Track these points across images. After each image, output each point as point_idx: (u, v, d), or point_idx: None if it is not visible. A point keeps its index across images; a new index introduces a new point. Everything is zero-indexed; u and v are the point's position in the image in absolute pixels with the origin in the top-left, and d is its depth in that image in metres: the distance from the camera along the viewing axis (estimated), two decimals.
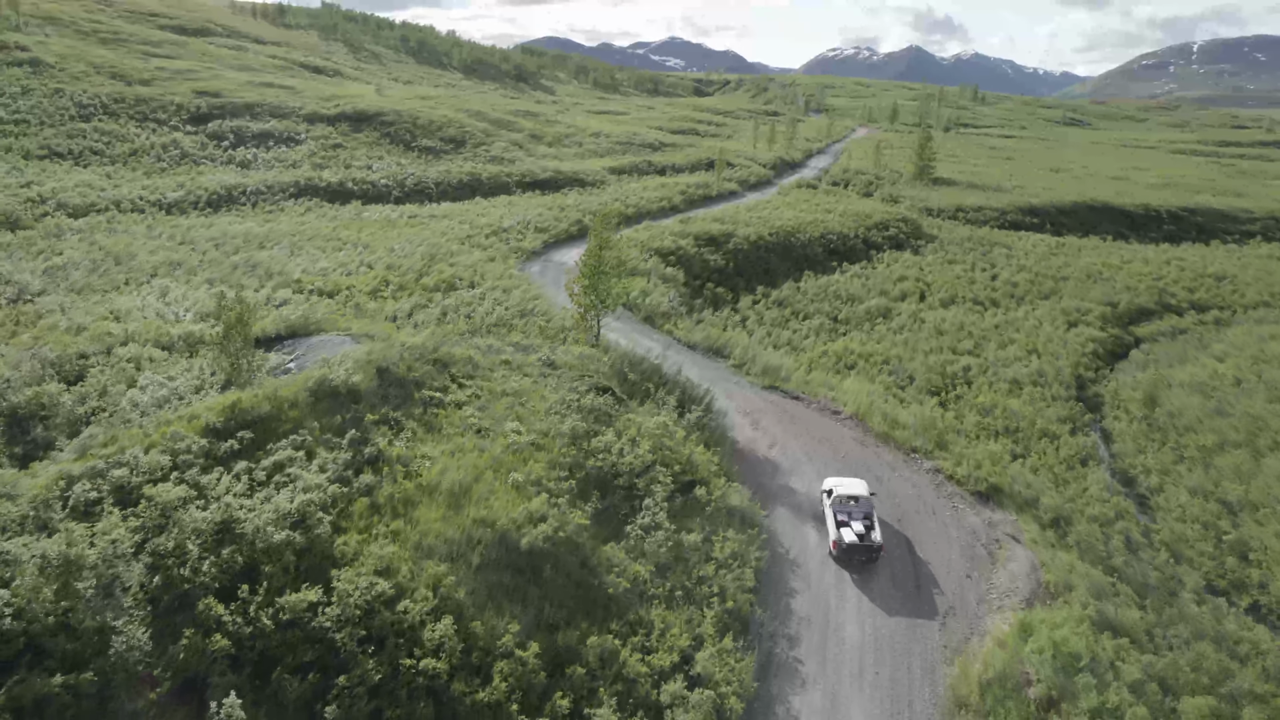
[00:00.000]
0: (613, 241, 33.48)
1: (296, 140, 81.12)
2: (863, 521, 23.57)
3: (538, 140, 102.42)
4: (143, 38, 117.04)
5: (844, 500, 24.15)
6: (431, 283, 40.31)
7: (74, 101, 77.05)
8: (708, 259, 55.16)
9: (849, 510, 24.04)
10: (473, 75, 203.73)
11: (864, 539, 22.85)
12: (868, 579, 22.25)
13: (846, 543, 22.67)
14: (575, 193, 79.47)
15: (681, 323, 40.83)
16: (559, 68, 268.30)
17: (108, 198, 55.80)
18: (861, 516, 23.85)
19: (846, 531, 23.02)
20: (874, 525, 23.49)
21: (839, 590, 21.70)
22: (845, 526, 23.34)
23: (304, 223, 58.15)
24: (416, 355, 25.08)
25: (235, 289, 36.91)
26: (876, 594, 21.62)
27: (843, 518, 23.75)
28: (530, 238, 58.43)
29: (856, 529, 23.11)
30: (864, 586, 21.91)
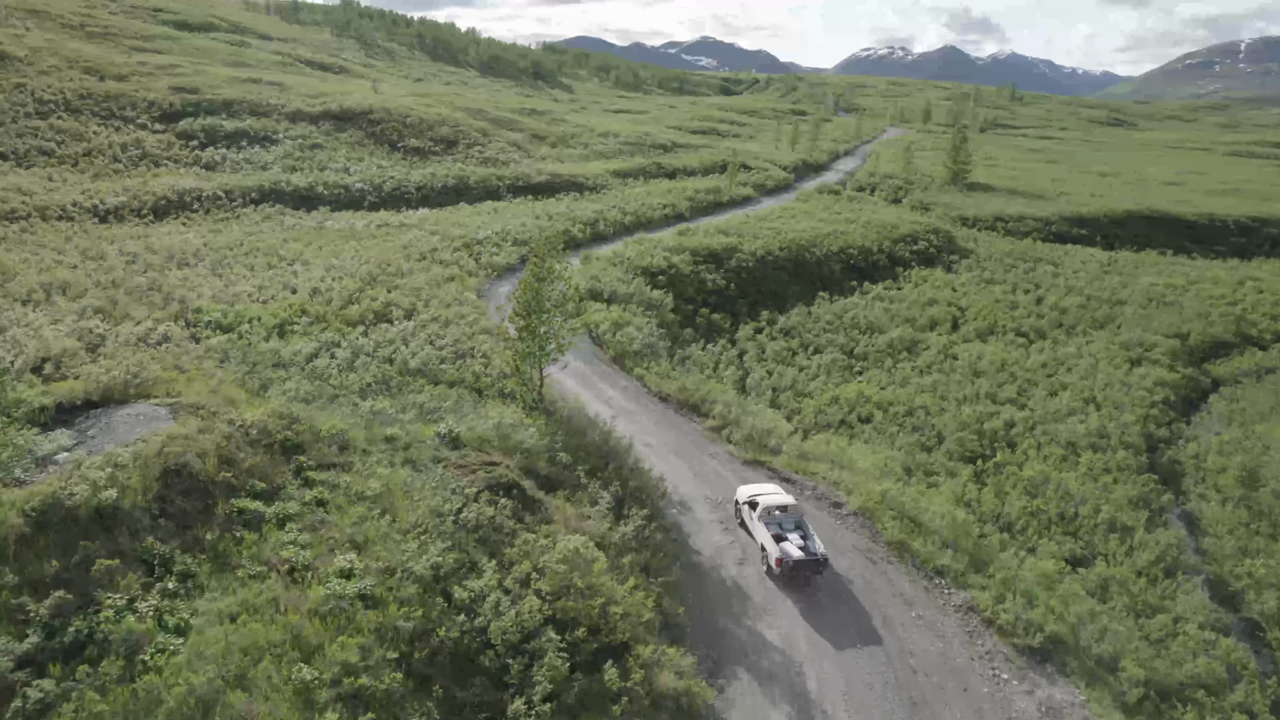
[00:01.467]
0: (558, 271, 26.32)
1: (273, 140, 75.05)
2: (798, 533, 21.81)
3: (539, 141, 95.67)
4: (135, 32, 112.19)
5: (772, 511, 22.23)
6: (358, 313, 33.48)
7: (34, 97, 71.55)
8: (705, 279, 47.82)
9: (779, 521, 22.19)
10: (489, 73, 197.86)
11: (808, 552, 20.96)
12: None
13: (794, 559, 20.51)
14: (570, 199, 72.62)
15: (658, 364, 33.55)
16: (580, 65, 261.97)
17: (33, 204, 49.80)
18: (794, 527, 22.15)
19: (789, 546, 20.97)
20: (811, 535, 21.77)
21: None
22: (784, 541, 21.37)
23: (253, 233, 51.76)
24: (250, 439, 18.25)
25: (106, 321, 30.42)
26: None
27: (776, 531, 21.82)
28: (505, 251, 51.56)
29: (797, 542, 21.24)
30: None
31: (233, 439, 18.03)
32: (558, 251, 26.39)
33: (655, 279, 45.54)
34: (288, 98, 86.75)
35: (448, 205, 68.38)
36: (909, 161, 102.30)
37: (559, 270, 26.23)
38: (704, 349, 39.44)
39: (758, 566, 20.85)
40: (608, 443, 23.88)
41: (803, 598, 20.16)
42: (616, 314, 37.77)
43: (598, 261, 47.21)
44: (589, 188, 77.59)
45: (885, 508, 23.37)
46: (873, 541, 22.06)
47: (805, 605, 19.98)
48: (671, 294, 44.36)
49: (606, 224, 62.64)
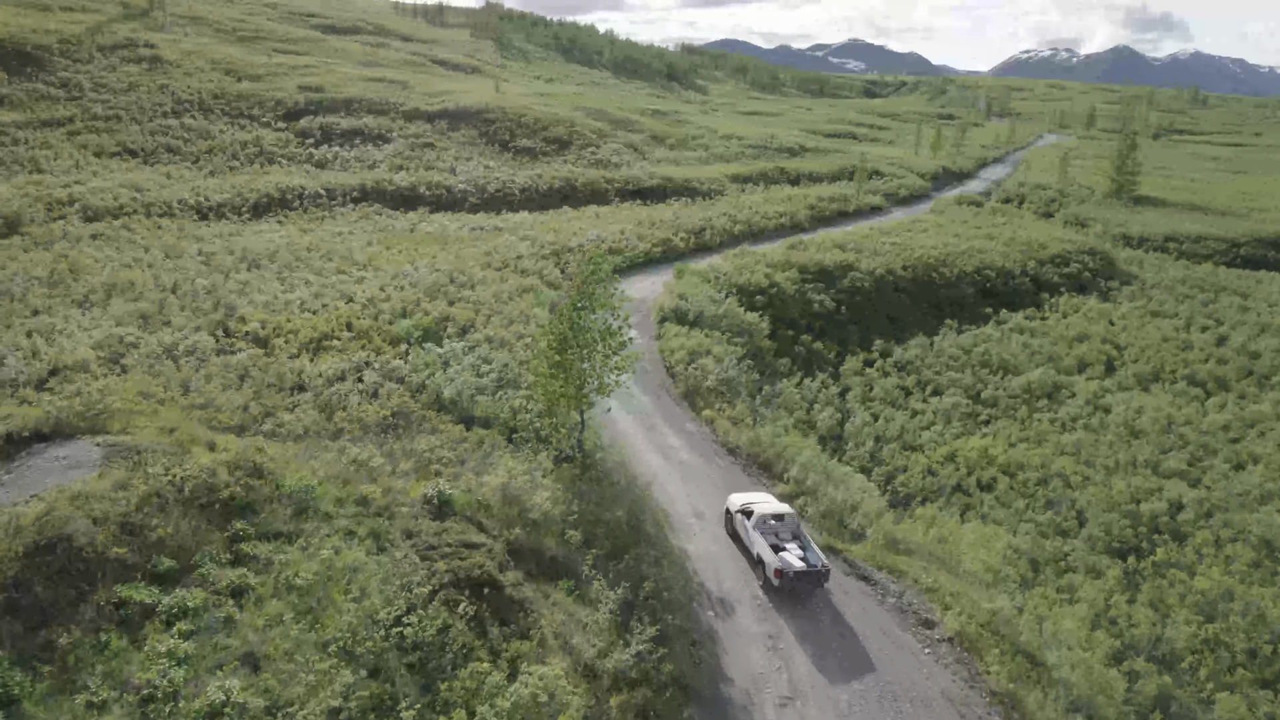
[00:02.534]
0: (605, 298, 22.01)
1: (386, 139, 74.82)
2: (796, 543, 20.75)
3: (658, 142, 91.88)
4: (281, 35, 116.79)
5: (768, 520, 21.03)
6: (405, 329, 30.39)
7: (173, 97, 74.28)
8: (811, 300, 42.29)
9: (775, 531, 21.01)
10: (622, 74, 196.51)
11: (809, 563, 19.83)
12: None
13: (795, 570, 19.26)
14: (681, 204, 68.31)
15: (734, 405, 28.62)
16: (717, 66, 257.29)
17: (143, 200, 50.30)
18: (791, 537, 21.03)
19: (790, 558, 19.85)
20: (809, 545, 20.63)
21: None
22: (783, 551, 20.28)
23: (341, 234, 50.45)
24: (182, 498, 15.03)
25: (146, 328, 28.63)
26: None
27: (772, 541, 20.68)
28: None
29: (796, 553, 20.18)
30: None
31: (156, 499, 14.86)
32: (605, 274, 22.04)
33: (752, 299, 40.49)
34: (407, 96, 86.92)
35: (551, 209, 65.61)
36: (1065, 170, 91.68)
37: (603, 297, 21.90)
38: (799, 384, 34.12)
39: (804, 708, 15.73)
40: (639, 515, 19.39)
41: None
42: (696, 340, 33.11)
43: (690, 276, 42.61)
44: (702, 193, 73.01)
45: (994, 636, 17.63)
46: (970, 687, 16.45)
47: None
48: (769, 317, 39.20)
49: (713, 233, 57.89)
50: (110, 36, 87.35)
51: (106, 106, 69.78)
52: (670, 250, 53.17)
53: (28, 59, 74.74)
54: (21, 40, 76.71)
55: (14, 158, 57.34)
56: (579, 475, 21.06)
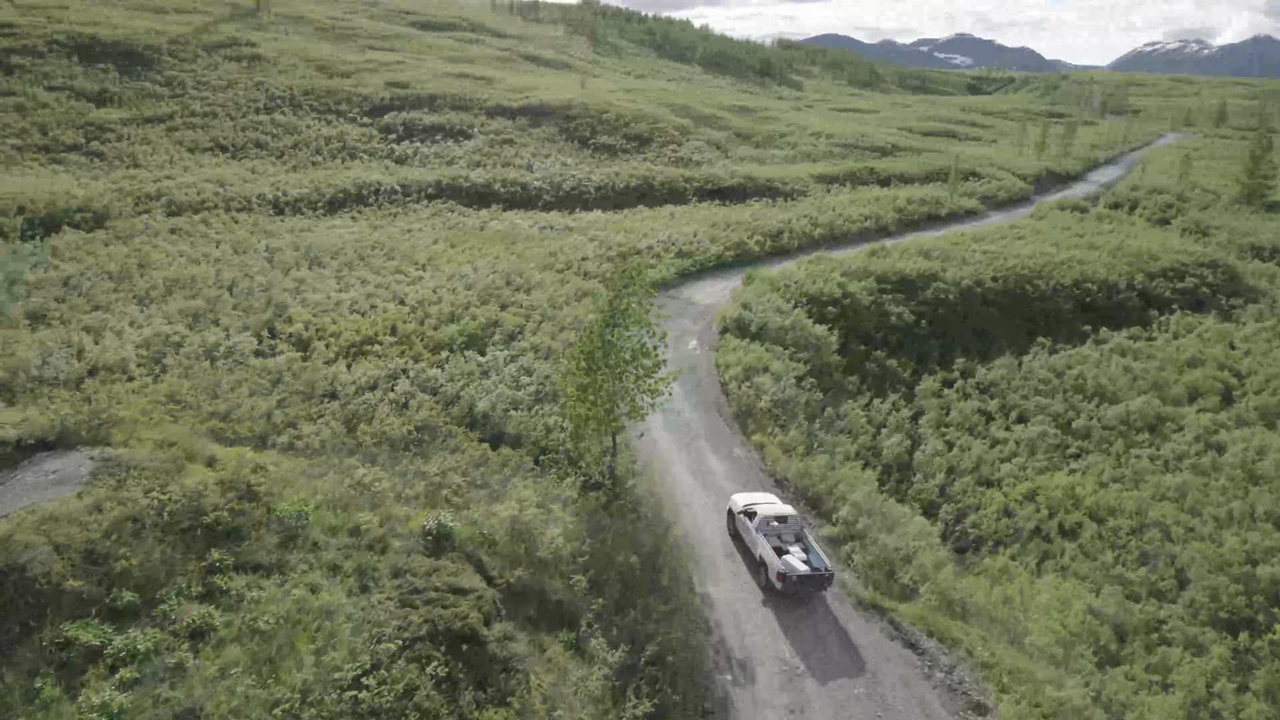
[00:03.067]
0: (639, 314, 20.27)
1: (467, 135, 74.92)
2: (799, 546, 20.39)
3: (742, 140, 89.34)
4: (375, 33, 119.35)
5: (770, 522, 20.55)
6: (449, 335, 29.41)
7: (265, 93, 76.35)
8: (889, 312, 39.46)
9: (779, 533, 20.57)
10: (714, 70, 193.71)
11: (813, 566, 19.45)
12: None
13: (799, 573, 18.91)
14: (761, 205, 65.83)
15: (788, 429, 26.41)
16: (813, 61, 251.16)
17: (224, 195, 51.39)
18: (794, 539, 20.60)
19: (794, 560, 19.48)
20: (812, 548, 20.25)
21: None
22: (786, 554, 19.90)
23: (410, 231, 50.33)
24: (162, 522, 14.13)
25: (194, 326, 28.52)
26: None
27: (776, 543, 20.28)
28: (665, 264, 46.21)
29: (800, 556, 19.85)
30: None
31: (131, 524, 14.01)
32: (642, 287, 20.28)
33: (824, 310, 37.99)
34: (491, 92, 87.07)
35: (626, 208, 64.20)
36: (1186, 172, 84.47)
37: (637, 313, 20.14)
38: (867, 405, 31.58)
39: None
40: (657, 557, 17.60)
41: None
42: (755, 355, 30.99)
43: (758, 283, 40.39)
44: (784, 193, 70.25)
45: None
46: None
47: None
48: (840, 330, 36.68)
49: (791, 236, 55.35)
50: (215, 36, 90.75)
51: (205, 103, 72.14)
52: (744, 254, 50.95)
53: (139, 59, 78.11)
54: (134, 41, 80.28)
55: (116, 153, 59.71)
56: (604, 506, 19.44)
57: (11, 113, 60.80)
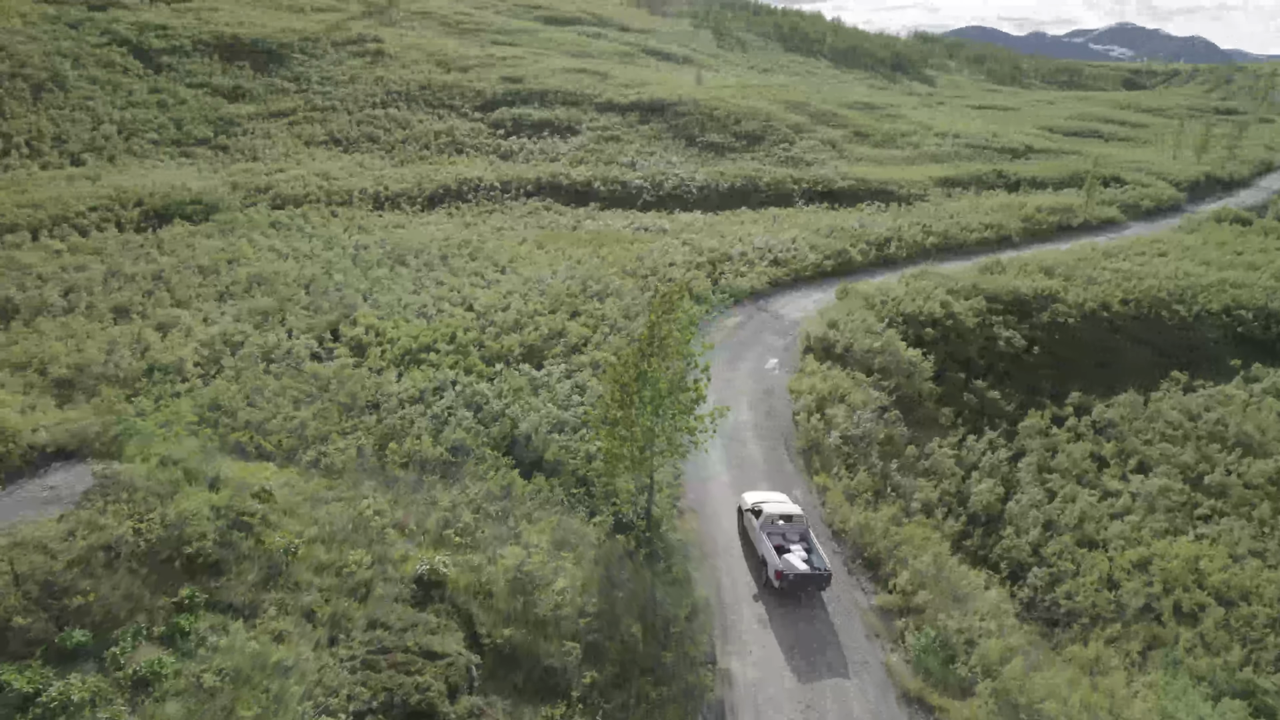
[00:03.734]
0: (679, 345, 18.40)
1: (575, 131, 74.43)
2: (802, 545, 20.16)
3: (860, 139, 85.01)
4: (499, 27, 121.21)
5: (775, 521, 20.52)
6: (513, 344, 28.42)
7: (384, 88, 78.41)
8: (996, 336, 35.78)
9: (783, 532, 20.43)
10: (842, 64, 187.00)
11: (813, 566, 19.44)
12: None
13: (797, 572, 18.89)
14: (871, 209, 62.15)
15: (859, 471, 23.83)
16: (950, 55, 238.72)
17: (327, 189, 52.69)
18: (798, 539, 20.35)
19: (794, 559, 19.46)
20: (815, 548, 20.06)
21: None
22: (787, 553, 19.75)
23: (503, 229, 50.09)
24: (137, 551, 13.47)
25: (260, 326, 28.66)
26: None
27: (778, 541, 20.16)
28: (756, 272, 43.92)
29: (801, 555, 19.68)
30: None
31: (103, 553, 13.45)
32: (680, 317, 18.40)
33: (922, 331, 34.78)
34: (604, 88, 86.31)
35: (727, 209, 61.99)
36: None
37: (675, 341, 18.26)
38: (959, 444, 28.44)
39: None
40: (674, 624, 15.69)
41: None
42: (833, 382, 28.42)
43: (852, 299, 37.55)
44: (899, 197, 66.09)
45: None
46: None
47: None
48: (938, 354, 33.44)
49: (900, 245, 51.71)
50: (345, 33, 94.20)
51: (326, 98, 74.72)
52: (844, 264, 47.83)
53: (272, 56, 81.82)
54: (270, 39, 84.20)
55: (239, 146, 62.57)
56: (629, 553, 17.75)
57: (154, 109, 64.65)
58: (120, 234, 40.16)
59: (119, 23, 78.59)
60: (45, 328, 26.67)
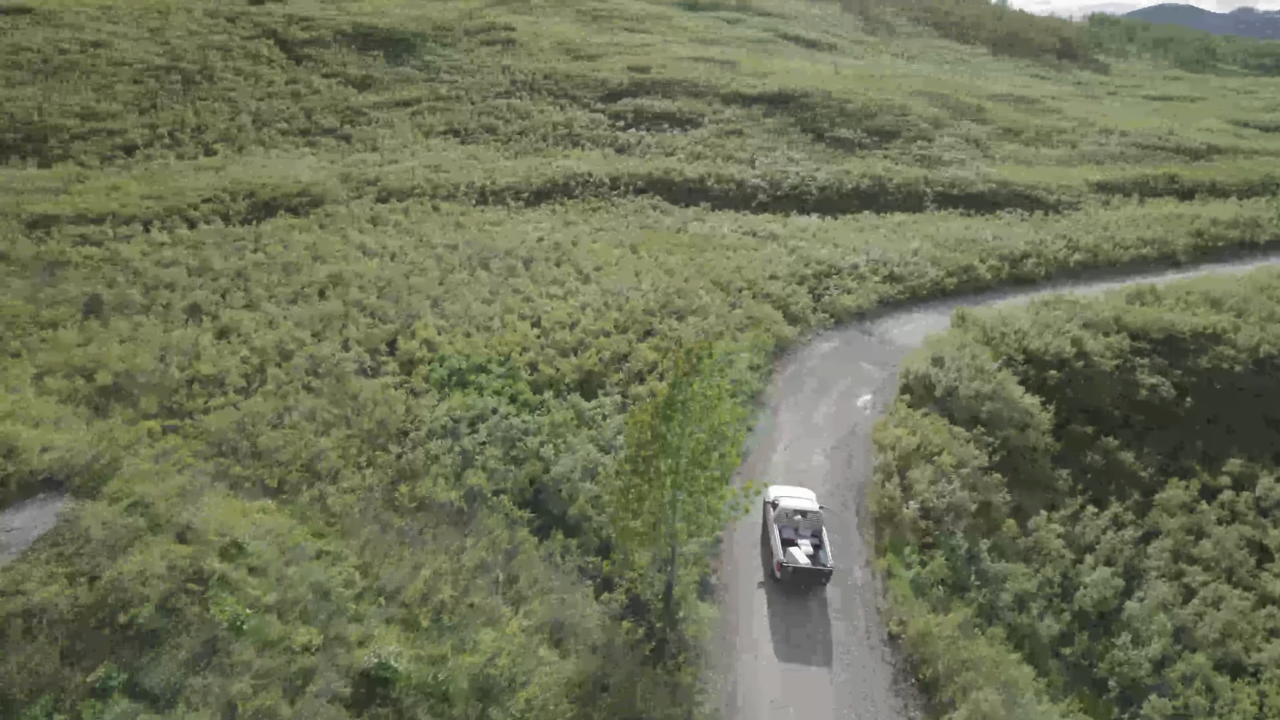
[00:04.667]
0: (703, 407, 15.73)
1: (696, 124, 71.58)
2: (811, 540, 20.74)
3: (1008, 136, 77.65)
4: (634, 14, 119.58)
5: (790, 515, 20.98)
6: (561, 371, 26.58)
7: (508, 78, 78.28)
8: (1137, 383, 30.65)
9: (795, 526, 20.98)
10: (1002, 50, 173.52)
11: (815, 561, 20.15)
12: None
13: (796, 565, 19.76)
14: (1012, 217, 56.35)
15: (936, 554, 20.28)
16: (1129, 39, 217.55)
17: (435, 182, 52.45)
18: (810, 534, 20.93)
19: (796, 552, 20.14)
20: (824, 545, 20.67)
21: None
22: (793, 546, 20.45)
23: (603, 229, 48.31)
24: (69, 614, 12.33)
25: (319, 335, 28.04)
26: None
27: (789, 535, 20.78)
28: (863, 290, 40.10)
29: (806, 549, 20.32)
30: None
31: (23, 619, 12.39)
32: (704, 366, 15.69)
33: (1043, 373, 30.20)
34: (731, 78, 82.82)
35: (849, 212, 57.62)
36: None
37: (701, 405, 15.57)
38: (1073, 517, 24.20)
39: None
40: None
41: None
42: (926, 432, 24.76)
43: (966, 328, 33.28)
44: (1047, 204, 59.56)
45: None
46: None
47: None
48: (1061, 403, 28.90)
49: (1038, 262, 46.13)
50: (478, 21, 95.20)
51: (452, 87, 75.28)
52: (969, 282, 42.99)
53: (405, 45, 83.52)
54: (404, 29, 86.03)
55: (361, 136, 63.67)
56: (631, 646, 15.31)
57: (288, 99, 66.87)
58: (225, 226, 41.06)
59: (270, 15, 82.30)
60: (117, 327, 26.97)
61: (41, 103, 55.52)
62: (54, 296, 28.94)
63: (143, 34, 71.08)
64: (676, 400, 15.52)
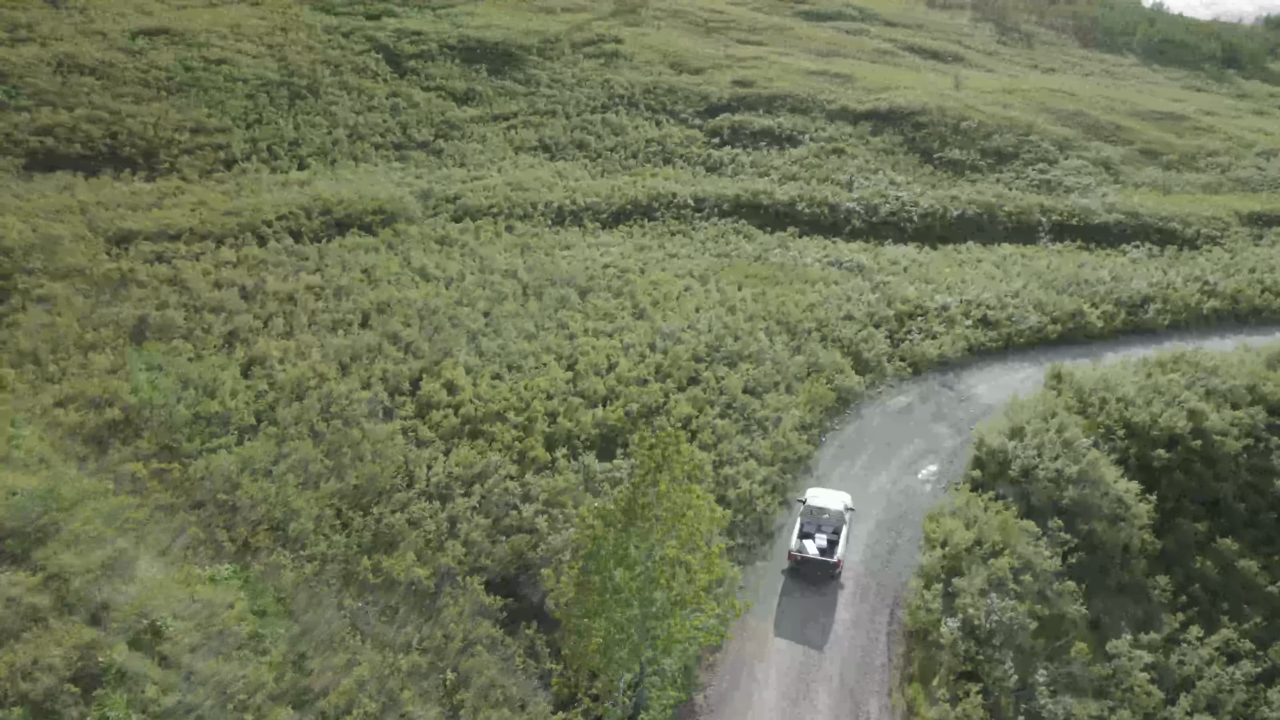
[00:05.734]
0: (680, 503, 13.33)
1: (796, 141, 68.23)
2: (828, 536, 22.40)
3: (1147, 158, 70.26)
4: (749, 25, 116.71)
5: (814, 511, 22.79)
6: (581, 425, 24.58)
7: (608, 92, 77.27)
8: (1271, 470, 25.75)
9: (818, 522, 22.80)
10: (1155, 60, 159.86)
11: (825, 553, 21.70)
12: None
13: (805, 555, 21.52)
14: (1139, 253, 50.49)
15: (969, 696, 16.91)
16: None
17: (511, 201, 51.58)
18: (830, 530, 22.57)
19: (809, 544, 21.94)
20: (840, 541, 21.99)
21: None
22: (809, 538, 22.30)
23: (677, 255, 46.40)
24: None
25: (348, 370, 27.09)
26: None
27: (809, 529, 22.72)
28: (954, 335, 36.36)
29: (819, 543, 22.02)
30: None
31: None
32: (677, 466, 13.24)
33: (1148, 452, 25.83)
34: (841, 92, 78.95)
35: (950, 243, 53.23)
36: None
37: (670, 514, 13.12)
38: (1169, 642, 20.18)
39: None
40: None
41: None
42: (986, 527, 21.26)
43: (1062, 390, 29.16)
44: (1183, 238, 53.16)
45: None
46: None
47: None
48: (1167, 491, 24.60)
49: (1163, 309, 40.70)
50: (586, 33, 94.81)
51: (550, 101, 74.91)
52: (1075, 331, 38.20)
53: (510, 58, 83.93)
54: (511, 42, 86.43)
55: (452, 151, 63.90)
56: None
57: (387, 113, 67.94)
58: (295, 244, 41.25)
59: (383, 30, 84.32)
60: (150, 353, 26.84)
61: (160, 118, 58.10)
62: (105, 318, 29.22)
63: (263, 50, 73.91)
64: (641, 501, 13.15)
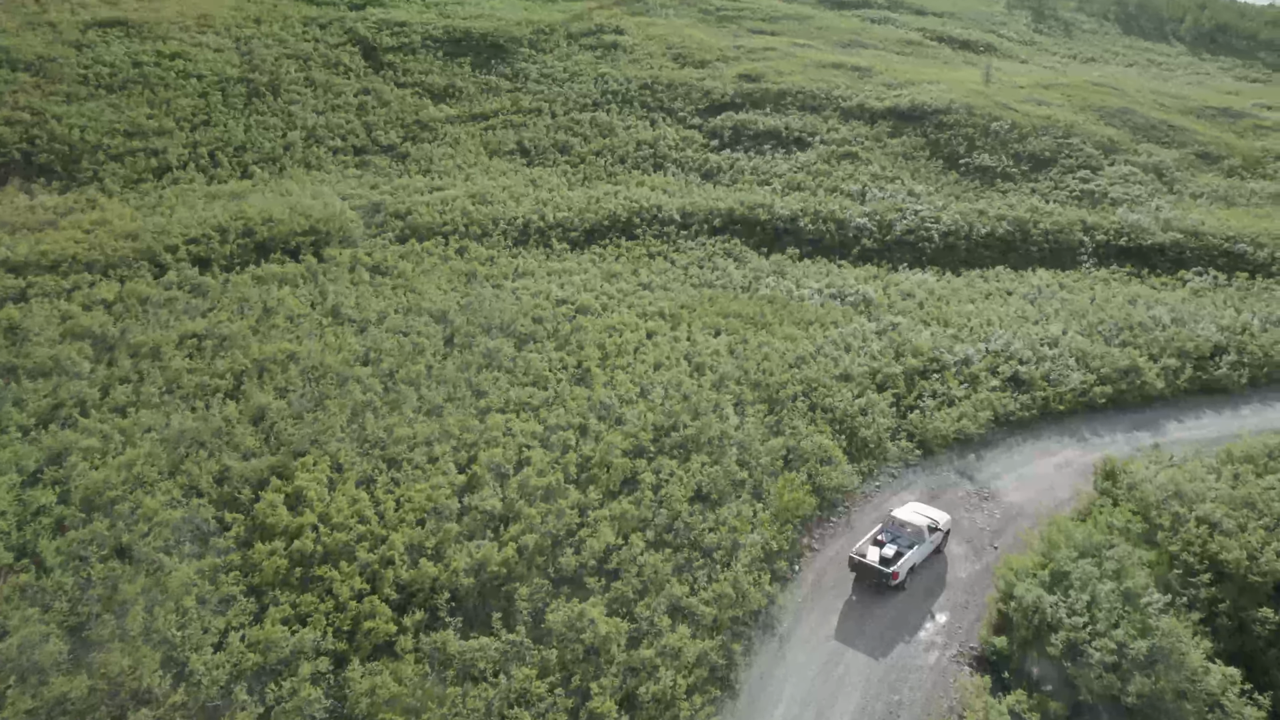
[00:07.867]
0: None
1: (804, 144, 60.80)
2: (895, 547, 21.53)
3: (1207, 163, 62.08)
4: (765, 14, 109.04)
5: (896, 522, 22.25)
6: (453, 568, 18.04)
7: (601, 88, 70.28)
8: None
9: (895, 534, 22.13)
10: (1207, 48, 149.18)
11: (885, 563, 21.06)
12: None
13: (863, 560, 20.95)
14: (1205, 281, 43.12)
15: None
16: None
17: (467, 219, 44.96)
18: (906, 545, 21.75)
19: (872, 550, 21.64)
20: (905, 556, 21.19)
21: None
22: (878, 546, 21.81)
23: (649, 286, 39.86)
24: None
25: (170, 458, 20.78)
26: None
27: (883, 538, 22.11)
28: (976, 399, 29.59)
29: (885, 552, 21.40)
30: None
31: None
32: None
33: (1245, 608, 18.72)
34: (859, 87, 71.19)
35: (977, 267, 46.01)
36: None
37: None
38: None
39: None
40: None
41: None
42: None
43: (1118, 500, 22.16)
44: (1255, 263, 45.48)
45: None
46: None
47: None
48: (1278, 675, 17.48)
49: (1240, 361, 33.36)
50: (585, 23, 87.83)
51: (536, 98, 68.04)
52: (1130, 392, 30.94)
53: (498, 50, 77.10)
54: (500, 33, 79.61)
55: (419, 155, 57.12)
56: None
57: (352, 112, 61.40)
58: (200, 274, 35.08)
59: (365, 21, 77.74)
60: None
61: (91, 120, 52.17)
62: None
63: (226, 44, 67.75)
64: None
